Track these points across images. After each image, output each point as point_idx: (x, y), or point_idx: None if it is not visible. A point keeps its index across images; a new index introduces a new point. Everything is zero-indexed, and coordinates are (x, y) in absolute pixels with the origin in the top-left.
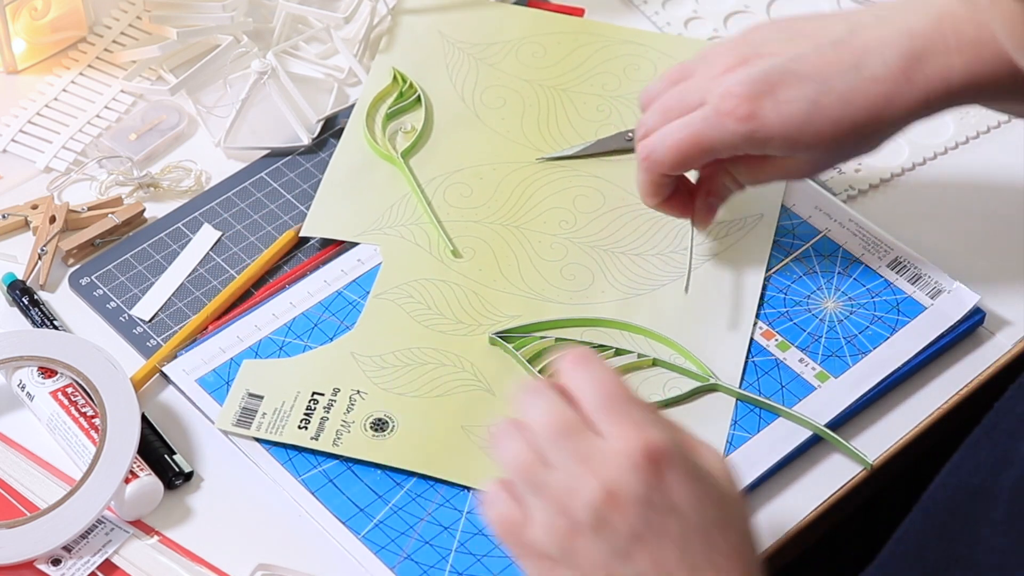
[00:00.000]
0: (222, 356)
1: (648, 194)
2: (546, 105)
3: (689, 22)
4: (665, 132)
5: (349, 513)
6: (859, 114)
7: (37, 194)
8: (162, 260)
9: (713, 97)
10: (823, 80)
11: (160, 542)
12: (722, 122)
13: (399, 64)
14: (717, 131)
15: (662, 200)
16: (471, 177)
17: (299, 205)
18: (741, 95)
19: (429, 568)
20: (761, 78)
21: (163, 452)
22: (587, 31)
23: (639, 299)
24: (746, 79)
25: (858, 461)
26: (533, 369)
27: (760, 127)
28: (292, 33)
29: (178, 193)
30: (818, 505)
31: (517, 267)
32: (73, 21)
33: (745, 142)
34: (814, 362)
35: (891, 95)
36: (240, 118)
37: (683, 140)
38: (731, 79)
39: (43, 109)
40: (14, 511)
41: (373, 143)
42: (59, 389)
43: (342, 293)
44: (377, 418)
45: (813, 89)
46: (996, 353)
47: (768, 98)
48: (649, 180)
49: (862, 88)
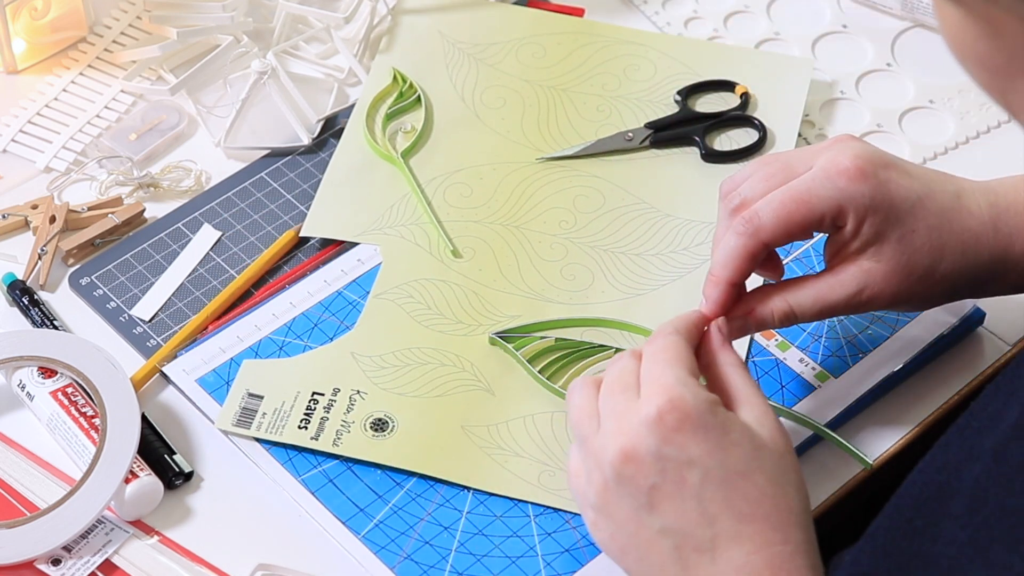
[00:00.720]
0: (222, 356)
1: (734, 267)
2: (546, 105)
3: (689, 22)
4: (770, 196)
5: (349, 513)
6: (951, 238)
7: (37, 194)
8: (162, 260)
9: (822, 161)
10: (928, 187)
11: (160, 542)
12: (833, 180)
13: (399, 64)
14: (826, 189)
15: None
16: (471, 177)
17: (299, 205)
18: (857, 157)
19: (429, 568)
20: (875, 154)
21: (163, 452)
22: (587, 31)
23: (639, 299)
24: (861, 151)
25: (859, 461)
26: (533, 369)
27: (873, 190)
28: (292, 33)
29: (178, 193)
30: (818, 505)
31: (517, 267)
32: (73, 21)
33: (852, 204)
34: (814, 362)
35: (980, 234)
36: (240, 118)
37: (789, 199)
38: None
39: (43, 109)
40: (14, 511)
41: (373, 143)
42: (59, 389)
43: (342, 293)
44: (377, 418)
45: (920, 188)
46: (996, 353)
47: (882, 170)
48: (744, 249)
49: (958, 212)
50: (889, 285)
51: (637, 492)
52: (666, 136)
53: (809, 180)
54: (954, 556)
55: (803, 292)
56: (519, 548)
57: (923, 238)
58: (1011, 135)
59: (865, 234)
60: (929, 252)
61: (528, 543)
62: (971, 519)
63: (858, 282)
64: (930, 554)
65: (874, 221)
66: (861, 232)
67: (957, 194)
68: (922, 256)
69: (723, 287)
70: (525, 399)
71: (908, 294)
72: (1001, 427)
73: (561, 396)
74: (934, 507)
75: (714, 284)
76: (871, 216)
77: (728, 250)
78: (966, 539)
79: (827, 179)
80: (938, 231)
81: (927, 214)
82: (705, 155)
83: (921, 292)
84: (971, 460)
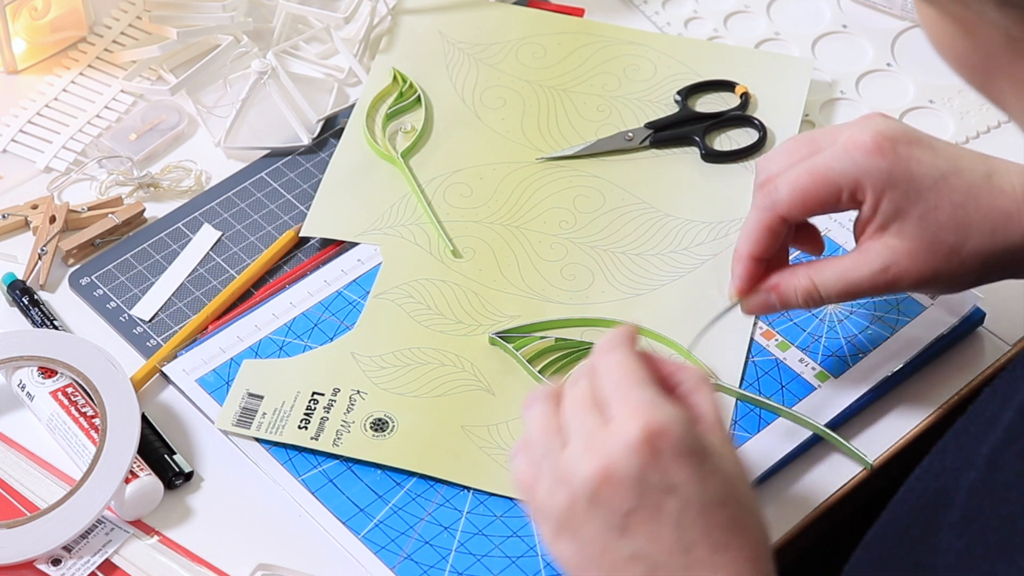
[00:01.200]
0: (222, 356)
1: (753, 241)
2: (546, 105)
3: (689, 22)
4: (789, 171)
5: (349, 513)
6: (977, 215)
7: (37, 194)
8: (162, 260)
9: (844, 136)
10: (955, 164)
11: (160, 542)
12: (850, 154)
13: (399, 64)
14: (843, 163)
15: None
16: (471, 177)
17: (299, 205)
18: (877, 133)
19: (429, 568)
20: (900, 130)
21: (163, 452)
22: (587, 31)
23: (639, 299)
24: (885, 126)
25: (858, 461)
26: (533, 369)
27: (891, 165)
28: (292, 33)
29: (178, 193)
30: (818, 505)
31: (517, 267)
32: (73, 21)
33: (869, 179)
34: (814, 362)
35: (1011, 213)
36: (240, 118)
37: (806, 173)
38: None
39: (43, 109)
40: (14, 511)
41: (373, 143)
42: (59, 389)
43: (342, 293)
44: (377, 418)
45: (945, 165)
46: (996, 353)
47: (903, 146)
48: (761, 223)
49: (987, 191)
50: (915, 263)
51: (610, 515)
52: (666, 136)
53: (828, 155)
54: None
55: (828, 270)
56: (519, 548)
57: (947, 215)
58: (1011, 135)
59: (885, 210)
60: (955, 229)
61: (528, 543)
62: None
63: (883, 260)
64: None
65: (894, 196)
66: (880, 208)
67: (988, 173)
68: (947, 233)
69: (745, 262)
70: None
71: (934, 273)
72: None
73: None
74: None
75: (737, 259)
76: (890, 191)
77: (748, 224)
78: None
79: (845, 154)
80: (964, 208)
81: (952, 191)
82: (705, 155)
83: (948, 271)
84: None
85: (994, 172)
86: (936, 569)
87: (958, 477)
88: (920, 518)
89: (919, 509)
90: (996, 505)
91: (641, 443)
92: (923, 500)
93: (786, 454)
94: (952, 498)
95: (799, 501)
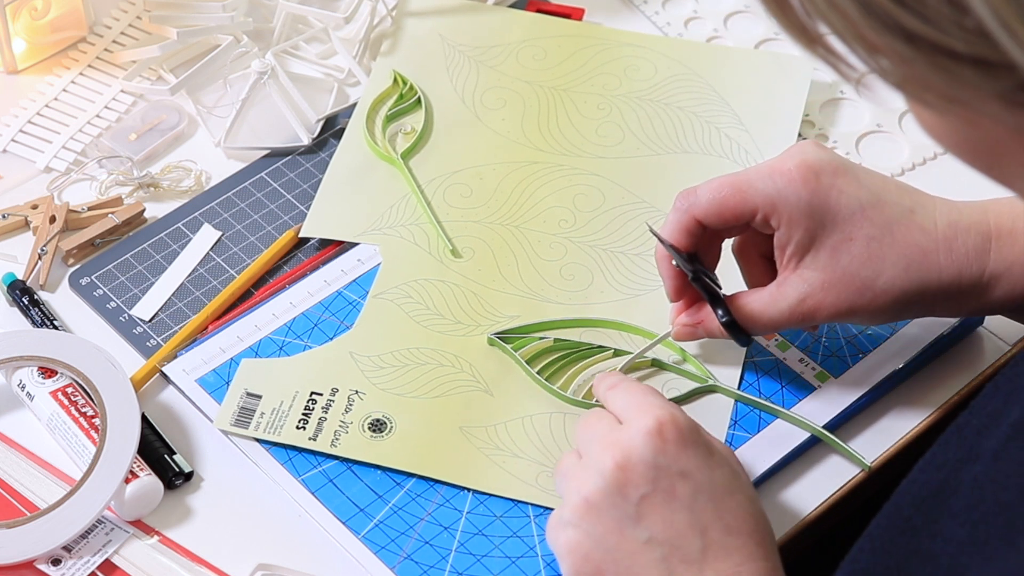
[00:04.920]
0: (222, 356)
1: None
2: (546, 105)
3: (689, 22)
4: (714, 180)
5: (349, 513)
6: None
7: (37, 194)
8: (162, 260)
9: (772, 159)
10: (878, 197)
11: (160, 542)
12: (773, 178)
13: (400, 67)
14: (764, 184)
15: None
16: (471, 177)
17: (299, 205)
18: (802, 162)
19: (429, 568)
20: (827, 160)
21: (163, 452)
22: (587, 34)
23: (638, 299)
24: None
25: (856, 463)
26: (531, 370)
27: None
28: (292, 33)
29: (178, 193)
30: (817, 506)
31: (516, 267)
32: (73, 21)
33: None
34: (814, 362)
35: (928, 251)
36: (240, 118)
37: (727, 184)
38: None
39: (43, 109)
40: (14, 511)
41: (373, 144)
42: (59, 389)
43: (342, 293)
44: (375, 419)
45: (867, 197)
46: (996, 353)
47: (827, 176)
48: (677, 223)
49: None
50: (828, 295)
51: (625, 503)
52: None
53: (753, 172)
54: (952, 553)
55: (751, 304)
56: (519, 548)
57: (860, 247)
58: None
59: (800, 239)
60: (867, 262)
61: (528, 543)
62: (969, 516)
63: (799, 292)
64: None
65: (809, 226)
66: (795, 236)
67: (911, 208)
68: (859, 266)
69: (663, 261)
70: (523, 400)
71: (849, 306)
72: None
73: (559, 397)
74: (933, 505)
75: (658, 259)
76: (806, 220)
77: (666, 223)
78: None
79: (768, 176)
80: (878, 241)
81: (868, 223)
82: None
83: (863, 305)
84: (970, 459)
85: (918, 208)
86: (937, 557)
87: (960, 470)
88: (922, 508)
89: (921, 499)
90: (998, 493)
91: (654, 431)
92: (925, 491)
93: (786, 454)
94: (954, 489)
95: (798, 502)
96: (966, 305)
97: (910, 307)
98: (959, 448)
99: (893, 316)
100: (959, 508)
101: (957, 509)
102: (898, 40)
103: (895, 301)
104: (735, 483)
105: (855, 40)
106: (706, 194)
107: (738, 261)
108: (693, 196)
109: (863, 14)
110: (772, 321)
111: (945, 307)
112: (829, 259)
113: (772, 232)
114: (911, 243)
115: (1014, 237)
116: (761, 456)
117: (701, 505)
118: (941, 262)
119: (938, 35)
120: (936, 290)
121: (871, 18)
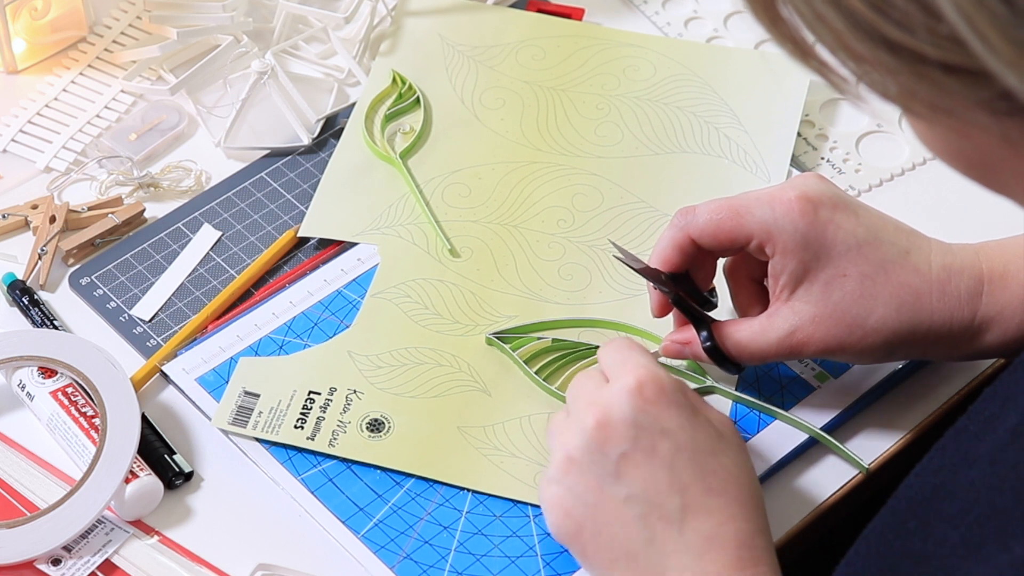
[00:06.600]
0: (222, 355)
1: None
2: (545, 104)
3: (689, 22)
4: (712, 201)
5: (349, 512)
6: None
7: (37, 194)
8: (162, 260)
9: (773, 187)
10: (875, 234)
11: (160, 542)
12: (772, 207)
13: (399, 67)
14: (762, 211)
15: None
16: (470, 177)
17: (299, 205)
18: (802, 194)
19: (429, 568)
20: (827, 193)
21: (163, 452)
22: (586, 35)
23: (637, 300)
24: (814, 188)
25: (854, 465)
26: (530, 370)
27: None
28: (292, 33)
29: (178, 193)
30: (815, 508)
31: (515, 267)
32: (73, 21)
33: (781, 236)
34: (814, 363)
35: (920, 293)
36: (240, 118)
37: (726, 207)
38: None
39: (43, 109)
40: (14, 511)
41: (372, 144)
42: (59, 389)
43: (342, 292)
44: (373, 419)
45: (864, 234)
46: None
47: (826, 210)
48: (672, 240)
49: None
50: (818, 330)
51: (605, 460)
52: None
53: (752, 198)
54: (946, 556)
55: (740, 332)
56: (519, 548)
57: (854, 284)
58: None
59: (794, 270)
60: (859, 300)
61: (527, 543)
62: (963, 519)
63: (789, 324)
64: (922, 553)
65: (804, 258)
66: (788, 267)
67: (907, 249)
68: (851, 303)
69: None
70: (521, 400)
71: (838, 343)
72: (998, 432)
73: (557, 397)
74: (928, 508)
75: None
76: (801, 252)
77: (661, 240)
78: (958, 539)
79: (767, 204)
80: (872, 280)
81: (863, 260)
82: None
83: (852, 343)
84: (967, 464)
85: (913, 249)
86: (930, 559)
87: (957, 474)
88: (917, 512)
89: (917, 503)
90: (993, 497)
91: (635, 389)
92: (921, 494)
93: (785, 455)
94: (950, 493)
95: (796, 503)
96: (958, 350)
97: (900, 348)
98: (956, 452)
99: (882, 356)
100: (954, 511)
101: (952, 512)
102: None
103: (885, 341)
104: (719, 444)
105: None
106: (704, 215)
107: (728, 282)
108: (691, 215)
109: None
110: (760, 351)
111: (936, 350)
112: (821, 293)
113: (767, 259)
114: (904, 284)
115: (1005, 281)
116: (759, 457)
117: (682, 464)
118: (934, 304)
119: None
120: (927, 332)
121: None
